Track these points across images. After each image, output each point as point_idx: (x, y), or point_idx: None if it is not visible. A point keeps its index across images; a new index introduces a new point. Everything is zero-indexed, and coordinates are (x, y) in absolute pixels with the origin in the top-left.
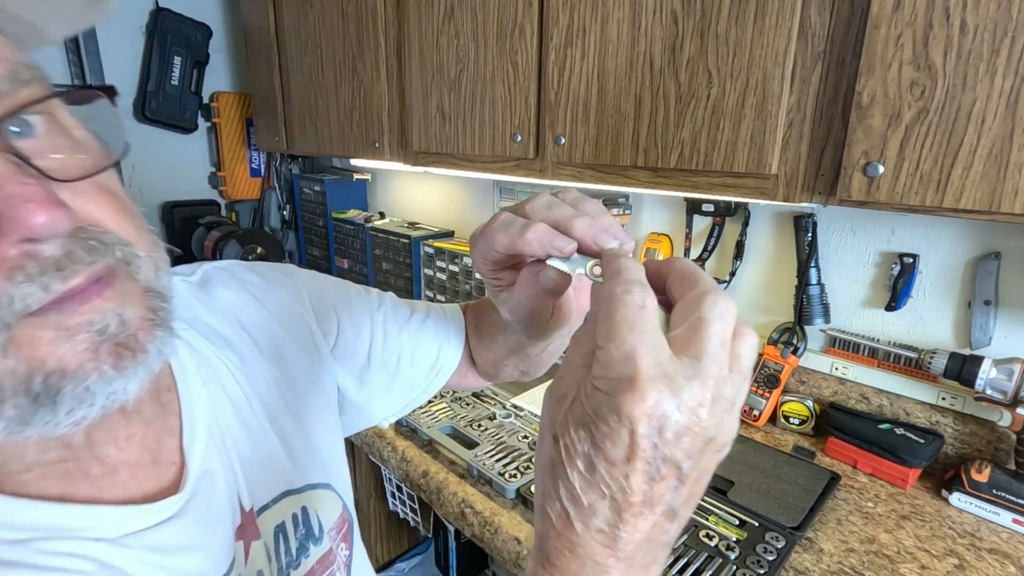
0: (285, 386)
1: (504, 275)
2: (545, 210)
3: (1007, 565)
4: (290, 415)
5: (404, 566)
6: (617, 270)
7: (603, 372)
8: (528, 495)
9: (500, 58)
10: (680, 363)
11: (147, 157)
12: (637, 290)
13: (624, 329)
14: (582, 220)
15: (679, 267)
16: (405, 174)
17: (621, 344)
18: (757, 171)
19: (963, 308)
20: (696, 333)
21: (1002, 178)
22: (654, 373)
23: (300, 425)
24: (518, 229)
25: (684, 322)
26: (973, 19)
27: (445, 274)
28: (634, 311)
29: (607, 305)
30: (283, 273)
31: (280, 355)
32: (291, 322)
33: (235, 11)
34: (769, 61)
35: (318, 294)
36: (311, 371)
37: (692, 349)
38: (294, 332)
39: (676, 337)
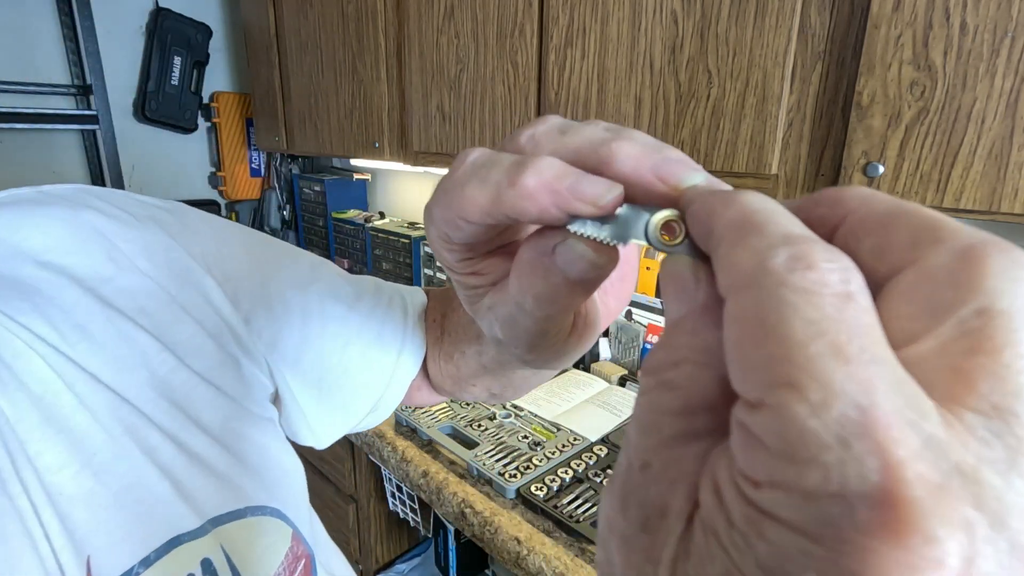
0: (172, 373)
1: (484, 266)
2: (557, 136)
3: None
4: (183, 415)
5: (404, 566)
6: (748, 216)
7: (781, 473)
8: (528, 495)
9: (500, 58)
10: (970, 432)
11: (147, 157)
12: (825, 258)
13: (826, 360)
14: (627, 144)
15: (863, 199)
16: (405, 174)
17: (828, 400)
18: (757, 171)
19: None
20: (990, 352)
21: (1002, 178)
22: (939, 477)
23: (205, 428)
24: (505, 174)
25: (932, 322)
26: (973, 19)
27: (445, 274)
28: (835, 311)
29: (755, 299)
30: (166, 211)
31: (164, 329)
32: (180, 282)
33: (235, 11)
34: (769, 61)
35: (217, 249)
36: (220, 351)
37: (986, 390)
38: (185, 296)
39: (924, 362)
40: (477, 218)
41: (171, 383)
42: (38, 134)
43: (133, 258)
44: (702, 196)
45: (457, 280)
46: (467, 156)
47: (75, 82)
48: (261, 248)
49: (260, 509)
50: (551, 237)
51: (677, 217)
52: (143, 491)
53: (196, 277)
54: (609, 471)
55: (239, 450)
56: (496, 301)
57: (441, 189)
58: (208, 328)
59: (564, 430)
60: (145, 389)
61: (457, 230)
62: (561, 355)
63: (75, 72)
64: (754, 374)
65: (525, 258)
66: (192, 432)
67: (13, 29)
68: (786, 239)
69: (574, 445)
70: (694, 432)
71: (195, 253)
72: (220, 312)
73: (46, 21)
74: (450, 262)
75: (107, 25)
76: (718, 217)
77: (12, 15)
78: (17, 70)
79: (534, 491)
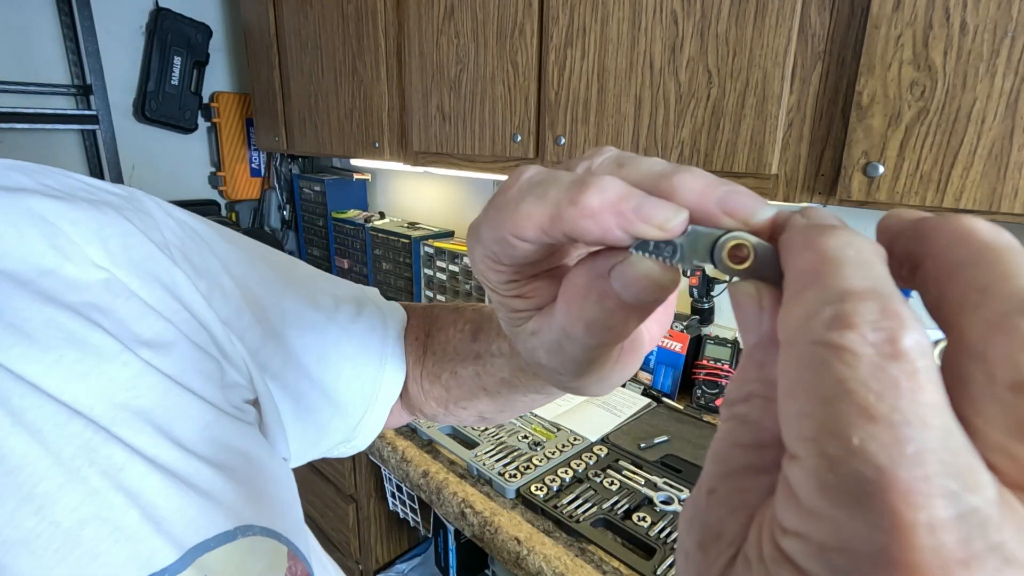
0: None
1: (530, 289)
2: (615, 168)
3: None
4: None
5: (404, 566)
6: (817, 267)
7: (802, 525)
8: (528, 495)
9: (500, 58)
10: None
11: (147, 157)
12: (871, 317)
13: (849, 417)
14: (690, 178)
15: (948, 239)
16: (405, 174)
17: (844, 457)
18: (757, 171)
19: None
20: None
21: (1002, 178)
22: (966, 551)
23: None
24: (565, 191)
25: (1009, 386)
26: (973, 19)
27: (445, 274)
28: (870, 371)
29: (797, 355)
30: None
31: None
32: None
33: (235, 11)
34: (769, 61)
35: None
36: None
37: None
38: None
39: (993, 433)
40: (532, 236)
41: (135, 389)
42: (38, 134)
43: (83, 245)
44: (792, 229)
45: (500, 302)
46: (522, 173)
47: (75, 82)
48: (232, 244)
49: (250, 529)
50: (608, 258)
51: (747, 240)
52: (103, 525)
53: (162, 268)
54: (609, 471)
55: (221, 462)
56: (541, 326)
57: (492, 207)
58: (177, 324)
59: (564, 430)
60: (102, 398)
61: (509, 248)
62: (604, 381)
63: (75, 72)
64: (789, 427)
65: (578, 282)
66: (164, 445)
67: (13, 29)
68: (841, 296)
69: (574, 445)
70: (761, 466)
71: (159, 241)
72: (191, 308)
73: (46, 21)
74: (495, 283)
75: (107, 25)
76: (793, 259)
77: (12, 15)
78: (17, 70)
79: (534, 491)
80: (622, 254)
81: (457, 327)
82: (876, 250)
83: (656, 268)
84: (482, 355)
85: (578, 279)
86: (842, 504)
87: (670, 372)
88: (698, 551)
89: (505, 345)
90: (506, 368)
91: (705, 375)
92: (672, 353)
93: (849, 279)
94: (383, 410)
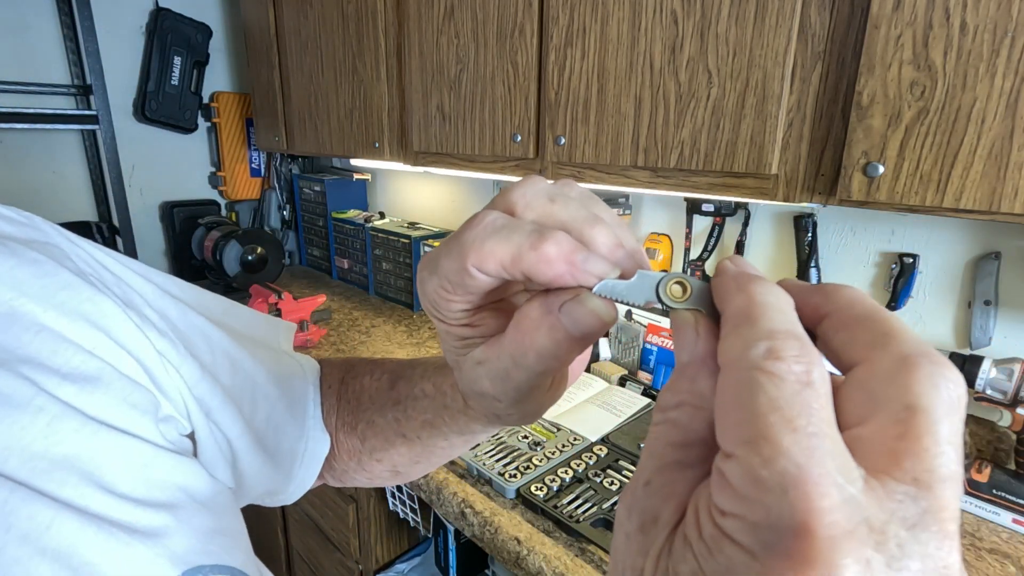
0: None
1: (478, 319)
2: (547, 204)
3: (1007, 565)
4: (78, 475)
5: (404, 566)
6: (746, 309)
7: (739, 507)
8: (528, 495)
9: (500, 58)
10: (890, 497)
11: (147, 157)
12: (793, 353)
13: (778, 428)
14: (602, 234)
15: (847, 300)
16: (405, 174)
17: (774, 456)
18: (757, 171)
19: (963, 308)
20: (913, 436)
21: (1002, 178)
22: (848, 523)
23: (112, 486)
24: (527, 238)
25: (874, 410)
26: (973, 19)
27: None
28: (792, 393)
29: (736, 380)
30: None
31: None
32: (52, 301)
33: (235, 11)
34: (769, 61)
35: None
36: (122, 383)
37: (909, 466)
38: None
39: (867, 440)
40: (492, 270)
41: (54, 435)
42: (38, 134)
43: None
44: (725, 275)
45: (448, 331)
46: (484, 217)
47: (75, 82)
48: (144, 278)
49: (199, 570)
50: (558, 297)
51: (685, 280)
52: None
53: (82, 297)
54: (609, 471)
55: (162, 502)
56: (488, 356)
57: (455, 241)
58: (101, 356)
59: (564, 430)
60: (15, 450)
61: (467, 279)
62: (538, 409)
63: (75, 72)
64: (728, 432)
65: (532, 315)
66: (94, 494)
67: (13, 29)
68: (770, 334)
69: (574, 445)
70: (688, 462)
71: (74, 270)
72: (118, 338)
73: (46, 21)
74: (445, 312)
75: (107, 25)
76: (729, 300)
77: (12, 15)
78: (17, 70)
79: (534, 491)
80: (570, 293)
81: (374, 376)
82: (788, 298)
83: (601, 306)
84: (402, 400)
85: (531, 312)
86: (771, 492)
87: (670, 372)
88: (639, 533)
89: (429, 386)
90: (430, 409)
91: None
92: (672, 353)
93: (774, 321)
94: (315, 460)
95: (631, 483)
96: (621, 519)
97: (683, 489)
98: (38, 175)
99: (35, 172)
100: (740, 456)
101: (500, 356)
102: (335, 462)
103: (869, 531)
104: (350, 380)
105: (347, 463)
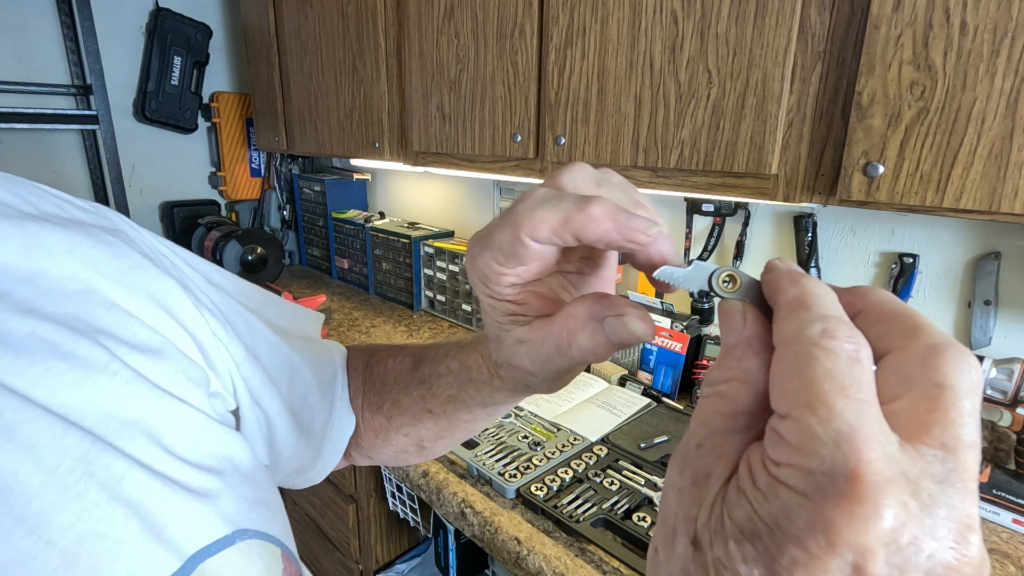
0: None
1: (525, 297)
2: (594, 187)
3: (1007, 565)
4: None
5: (404, 566)
6: (801, 297)
7: (795, 458)
8: (528, 495)
9: (500, 58)
10: (921, 457)
11: (147, 157)
12: (845, 333)
13: (832, 393)
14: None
15: (879, 300)
16: (405, 174)
17: (829, 416)
18: (757, 171)
19: (963, 308)
20: (942, 410)
21: (1002, 178)
22: (890, 472)
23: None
24: (574, 202)
25: (908, 388)
26: (973, 19)
27: (445, 274)
28: (845, 366)
29: (794, 353)
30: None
31: (109, 334)
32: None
33: (235, 11)
34: (769, 61)
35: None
36: (181, 358)
37: (937, 434)
38: (133, 298)
39: (902, 413)
40: (544, 237)
41: (126, 398)
42: (38, 134)
43: (61, 255)
44: (778, 271)
45: (494, 305)
46: (534, 191)
47: (75, 82)
48: (194, 267)
49: (246, 532)
50: (603, 308)
51: (736, 273)
52: (101, 541)
53: (149, 278)
54: (609, 471)
55: (213, 468)
56: (532, 338)
57: (507, 215)
58: (163, 332)
59: (564, 430)
60: (94, 408)
61: (520, 248)
62: (562, 384)
63: (75, 72)
64: (785, 397)
65: (578, 316)
66: (159, 453)
67: (13, 29)
68: (824, 318)
69: (574, 445)
70: (736, 428)
71: (142, 252)
72: (178, 316)
73: (46, 21)
74: (494, 286)
75: (107, 25)
76: (783, 291)
77: (12, 15)
78: (17, 70)
79: (534, 491)
80: (615, 309)
81: (397, 359)
82: (833, 292)
83: (640, 327)
84: (427, 379)
85: (579, 314)
86: (826, 445)
87: (670, 372)
88: (692, 487)
89: (455, 363)
90: (455, 384)
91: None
92: (672, 353)
93: (826, 308)
94: (342, 438)
95: (682, 446)
96: (673, 478)
97: (733, 450)
98: (38, 175)
99: (35, 172)
100: (796, 416)
101: (545, 342)
102: (361, 440)
103: (906, 481)
104: (374, 363)
105: (373, 440)
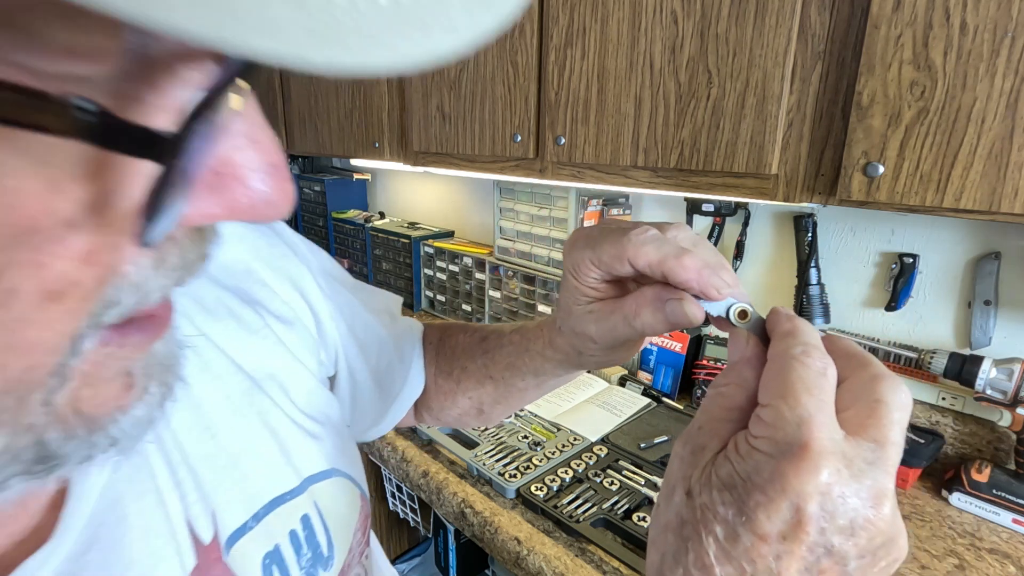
0: (273, 347)
1: (602, 287)
2: (689, 243)
3: (1007, 565)
4: (278, 385)
5: (404, 566)
6: (792, 330)
7: (767, 432)
8: (528, 495)
9: (500, 58)
10: (858, 445)
11: None
12: (818, 355)
13: (800, 390)
14: (727, 273)
15: (844, 346)
16: (405, 174)
17: (795, 405)
18: (757, 171)
19: (963, 308)
20: (877, 417)
21: (1002, 178)
22: (832, 447)
23: (295, 399)
24: (675, 250)
25: (855, 401)
26: (973, 19)
27: (445, 274)
28: (814, 376)
29: (780, 363)
30: None
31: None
32: (268, 262)
33: None
34: (769, 61)
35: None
36: (304, 331)
37: (872, 433)
38: (275, 278)
39: (849, 418)
40: (642, 265)
41: (270, 356)
42: None
43: (229, 239)
44: (779, 313)
45: (577, 287)
46: (648, 229)
47: None
48: (316, 250)
49: (338, 471)
50: (669, 294)
51: (748, 309)
52: (254, 455)
53: (291, 264)
54: (609, 471)
55: (320, 417)
56: (603, 309)
57: (619, 234)
58: (295, 309)
59: (564, 430)
60: (251, 359)
61: (617, 263)
62: (619, 358)
63: None
64: (768, 391)
65: (648, 296)
66: (286, 400)
67: None
68: (804, 343)
69: (574, 445)
70: (729, 418)
71: (287, 242)
72: (308, 298)
73: None
74: (582, 277)
75: None
76: (780, 325)
77: None
78: None
79: (534, 491)
80: (678, 295)
81: (467, 334)
82: (816, 330)
83: (693, 311)
84: (491, 349)
85: (648, 293)
86: (790, 424)
87: (670, 372)
88: (691, 456)
89: (517, 337)
90: (513, 353)
91: (705, 375)
92: (672, 353)
93: (809, 337)
94: (409, 399)
95: (687, 429)
96: (677, 449)
97: (724, 433)
98: None
99: None
100: (773, 404)
101: (614, 312)
102: (432, 403)
103: (843, 457)
104: (446, 337)
105: (443, 402)
